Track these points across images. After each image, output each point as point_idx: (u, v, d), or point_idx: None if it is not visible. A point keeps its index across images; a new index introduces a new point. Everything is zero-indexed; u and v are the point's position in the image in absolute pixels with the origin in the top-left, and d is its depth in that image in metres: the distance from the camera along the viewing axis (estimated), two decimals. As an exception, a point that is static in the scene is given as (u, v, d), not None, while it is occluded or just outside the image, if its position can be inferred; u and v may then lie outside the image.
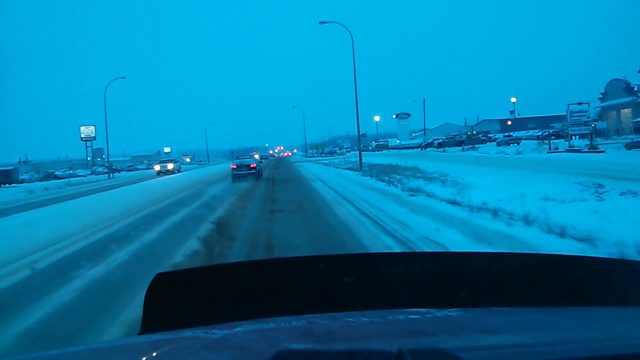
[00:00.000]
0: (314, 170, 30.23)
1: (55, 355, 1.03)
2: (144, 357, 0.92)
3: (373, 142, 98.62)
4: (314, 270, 1.22)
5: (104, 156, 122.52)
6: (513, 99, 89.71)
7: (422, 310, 1.07)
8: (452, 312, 1.04)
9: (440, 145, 60.51)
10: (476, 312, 1.10)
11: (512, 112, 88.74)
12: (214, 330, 0.98)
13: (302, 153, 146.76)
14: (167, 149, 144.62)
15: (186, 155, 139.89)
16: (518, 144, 45.64)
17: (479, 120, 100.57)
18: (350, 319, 1.03)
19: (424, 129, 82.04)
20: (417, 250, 5.89)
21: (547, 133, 50.43)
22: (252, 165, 24.75)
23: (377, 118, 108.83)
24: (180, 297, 1.21)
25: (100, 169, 77.99)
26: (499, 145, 48.21)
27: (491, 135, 68.37)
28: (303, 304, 1.17)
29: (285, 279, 1.25)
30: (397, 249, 6.44)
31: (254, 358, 0.80)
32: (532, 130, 63.59)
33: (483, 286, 1.19)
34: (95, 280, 5.76)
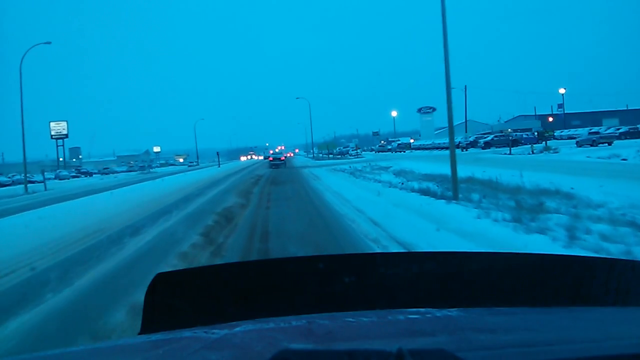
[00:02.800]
0: (349, 193, 13.91)
1: (55, 356, 1.03)
2: (144, 357, 0.92)
3: (382, 142, 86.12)
4: (313, 270, 1.22)
5: (80, 156, 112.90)
6: (562, 90, 73.18)
7: (422, 310, 1.07)
8: (452, 312, 1.04)
9: (487, 144, 48.09)
10: (476, 312, 1.10)
11: (560, 105, 74.57)
12: (214, 330, 0.98)
13: (304, 153, 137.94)
14: (156, 148, 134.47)
15: (179, 155, 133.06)
16: (609, 144, 34.68)
17: (513, 116, 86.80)
18: (350, 319, 1.03)
19: (465, 123, 63.68)
20: (417, 250, 5.82)
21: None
22: (281, 158, 42.68)
23: (394, 113, 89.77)
24: (180, 297, 1.21)
25: (64, 172, 67.20)
26: (580, 146, 35.90)
27: (535, 133, 53.25)
28: (303, 304, 1.17)
29: (285, 279, 1.25)
30: None
31: (254, 358, 0.80)
32: (596, 127, 51.02)
33: (483, 286, 1.19)
34: None
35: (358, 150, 74.27)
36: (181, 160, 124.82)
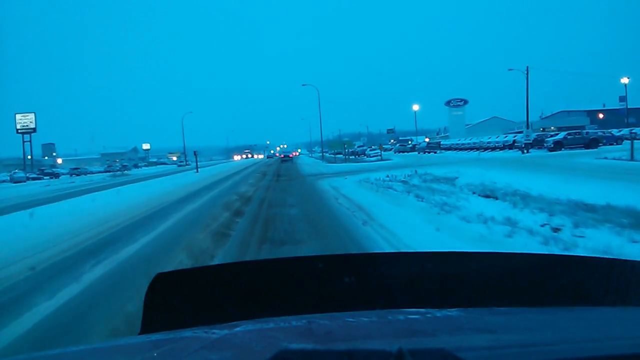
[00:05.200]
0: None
1: (55, 356, 1.03)
2: (144, 357, 0.92)
3: (392, 141, 74.95)
4: (314, 270, 1.22)
5: (54, 153, 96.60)
6: (624, 80, 55.82)
7: (422, 310, 1.07)
8: (452, 312, 1.04)
9: (558, 144, 35.67)
10: (476, 312, 1.10)
11: (623, 98, 59.12)
12: (214, 330, 0.98)
13: (307, 152, 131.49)
14: (146, 146, 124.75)
15: (173, 153, 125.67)
16: None
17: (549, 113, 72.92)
18: (350, 319, 1.03)
19: (527, 115, 44.48)
20: (417, 250, 5.79)
21: None
22: (290, 156, 55.74)
23: (416, 107, 74.10)
24: (180, 297, 1.21)
25: (20, 174, 54.70)
26: None
27: (598, 132, 40.77)
28: (303, 304, 1.17)
29: (285, 279, 1.25)
30: None
31: (254, 358, 0.80)
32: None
33: (483, 286, 1.19)
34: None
35: (378, 150, 55.68)
36: (174, 158, 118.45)
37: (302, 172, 30.14)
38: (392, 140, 76.11)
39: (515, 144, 42.46)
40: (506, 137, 47.78)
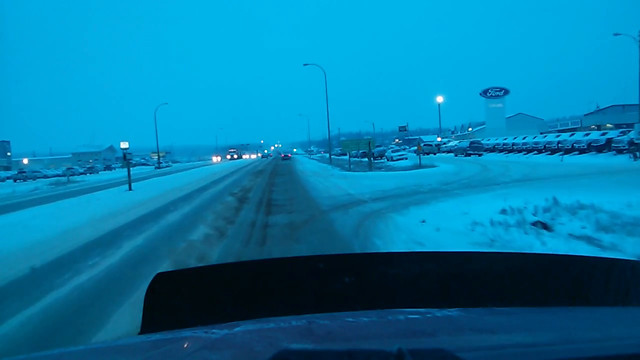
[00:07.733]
0: None
1: (55, 355, 1.03)
2: (144, 357, 0.92)
3: (396, 140, 65.19)
4: (314, 270, 1.22)
5: (9, 153, 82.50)
6: None
7: (422, 310, 1.07)
8: (452, 312, 1.04)
9: None
10: (476, 312, 1.10)
11: None
12: (214, 330, 0.98)
13: (303, 152, 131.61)
14: (124, 144, 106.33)
15: (156, 153, 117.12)
16: None
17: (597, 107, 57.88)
18: (350, 319, 1.03)
19: None
20: (417, 250, 5.85)
21: None
22: (289, 155, 73.77)
23: (440, 99, 62.08)
24: (180, 297, 1.21)
25: None
26: None
27: None
28: (303, 304, 1.17)
29: (285, 279, 1.25)
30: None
31: (254, 358, 0.80)
32: None
33: (483, 286, 1.19)
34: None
35: (403, 152, 43.03)
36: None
37: (313, 195, 14.72)
38: (396, 140, 67.41)
39: (612, 144, 29.29)
40: (588, 134, 34.03)
